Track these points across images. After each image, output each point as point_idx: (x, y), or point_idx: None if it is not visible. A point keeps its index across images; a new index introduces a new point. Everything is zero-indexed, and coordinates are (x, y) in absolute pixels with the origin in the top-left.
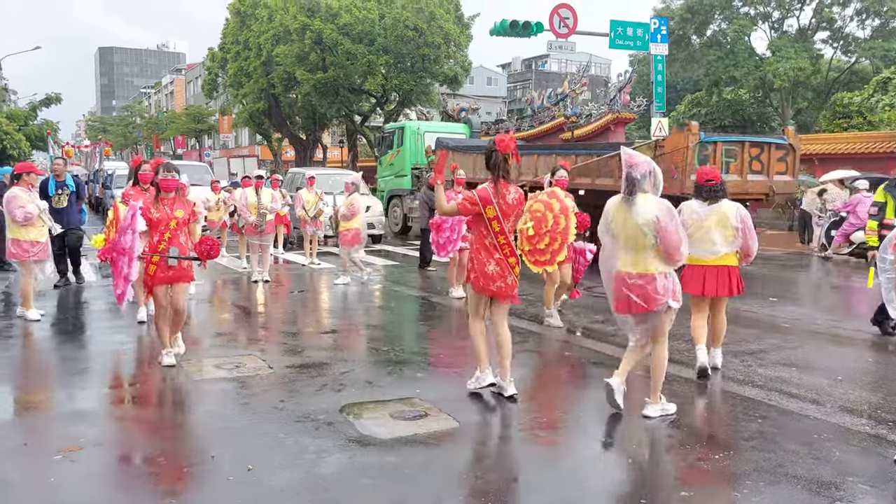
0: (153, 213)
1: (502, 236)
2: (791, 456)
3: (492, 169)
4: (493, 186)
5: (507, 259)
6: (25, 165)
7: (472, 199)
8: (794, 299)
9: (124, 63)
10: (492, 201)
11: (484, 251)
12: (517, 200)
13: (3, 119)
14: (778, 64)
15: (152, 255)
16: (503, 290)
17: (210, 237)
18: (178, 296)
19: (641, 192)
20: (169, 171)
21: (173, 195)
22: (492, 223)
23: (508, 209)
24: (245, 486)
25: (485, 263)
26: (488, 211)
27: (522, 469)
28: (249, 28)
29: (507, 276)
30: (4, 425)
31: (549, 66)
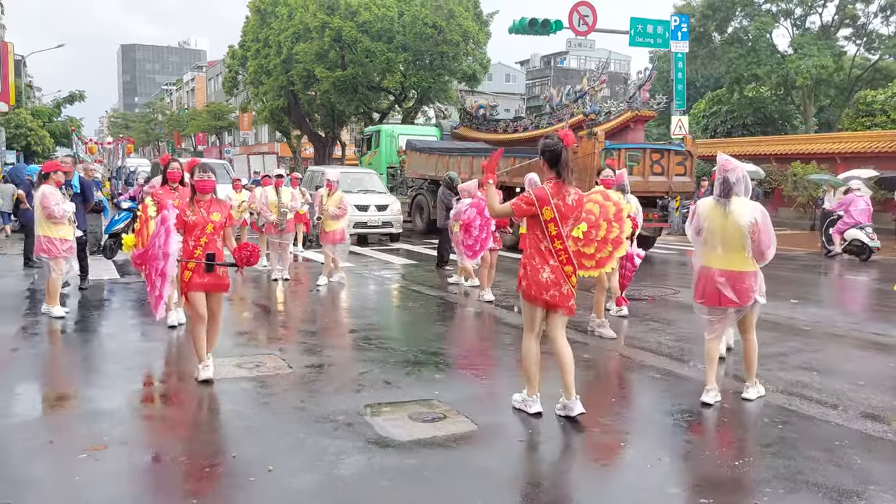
0: (188, 216)
1: (559, 241)
2: (811, 463)
3: (554, 166)
4: (553, 186)
5: (562, 266)
6: (52, 164)
7: (527, 199)
8: (815, 301)
9: (146, 60)
10: (549, 202)
11: (538, 256)
12: (577, 202)
13: (28, 116)
14: (800, 61)
15: (188, 260)
16: (557, 300)
17: (249, 242)
18: (215, 304)
19: (735, 196)
20: (205, 171)
21: (209, 197)
22: (548, 226)
23: (567, 211)
24: (266, 488)
25: (538, 270)
26: (545, 212)
27: (540, 474)
28: (269, 26)
29: (562, 284)
30: (31, 423)
31: (568, 62)
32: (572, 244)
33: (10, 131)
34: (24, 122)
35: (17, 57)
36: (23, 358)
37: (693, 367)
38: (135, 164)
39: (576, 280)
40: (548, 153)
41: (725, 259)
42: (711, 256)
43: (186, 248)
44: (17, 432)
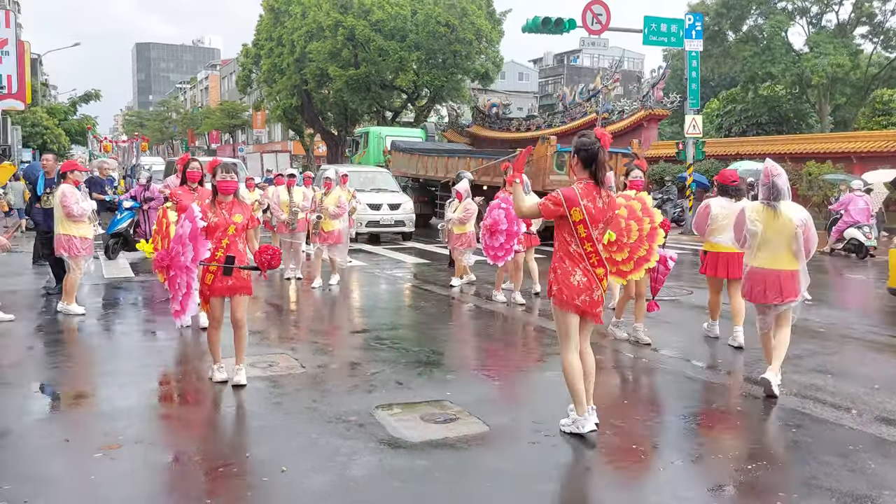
0: (210, 217)
1: (589, 243)
2: (825, 468)
3: (589, 166)
4: (584, 187)
5: (594, 270)
6: (70, 164)
7: (555, 200)
8: (830, 302)
9: (161, 59)
10: (578, 203)
11: (569, 259)
12: (608, 205)
13: (44, 114)
14: (816, 60)
15: (209, 263)
16: (587, 306)
17: (270, 245)
18: (238, 308)
19: (784, 199)
20: (227, 171)
21: (231, 198)
22: (577, 228)
23: (598, 213)
24: (279, 488)
25: (569, 273)
26: (574, 214)
27: (552, 476)
28: (283, 25)
29: (594, 289)
30: (47, 421)
31: (581, 61)
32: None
33: (26, 130)
34: (40, 120)
35: (34, 56)
36: (38, 356)
37: (705, 370)
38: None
39: (606, 285)
40: (583, 152)
41: (779, 259)
42: (763, 257)
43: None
44: (33, 430)
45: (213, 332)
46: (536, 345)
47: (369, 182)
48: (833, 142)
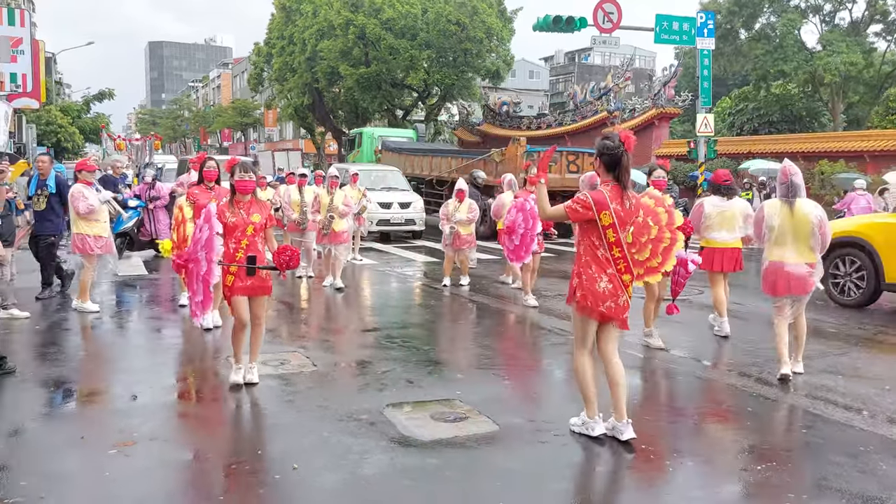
0: (228, 217)
1: (618, 248)
2: (836, 468)
3: (613, 170)
4: (612, 189)
5: (620, 276)
6: (80, 164)
7: (584, 203)
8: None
9: (173, 57)
10: (608, 206)
11: (595, 264)
12: (635, 207)
13: (58, 112)
14: (829, 58)
15: (229, 264)
16: (613, 312)
17: (289, 245)
18: (258, 309)
19: (800, 197)
20: (246, 171)
21: (249, 197)
22: (606, 232)
23: (626, 216)
24: (291, 486)
25: (595, 279)
26: (604, 218)
27: (562, 476)
28: (294, 23)
29: (619, 295)
30: (63, 418)
31: (592, 59)
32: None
33: (40, 128)
34: (55, 119)
35: (48, 55)
36: (54, 354)
37: (716, 370)
38: (162, 161)
39: (632, 290)
40: (606, 156)
41: (796, 252)
42: (783, 252)
43: (227, 250)
44: (49, 427)
45: (238, 332)
46: (546, 344)
47: (380, 181)
48: (846, 140)
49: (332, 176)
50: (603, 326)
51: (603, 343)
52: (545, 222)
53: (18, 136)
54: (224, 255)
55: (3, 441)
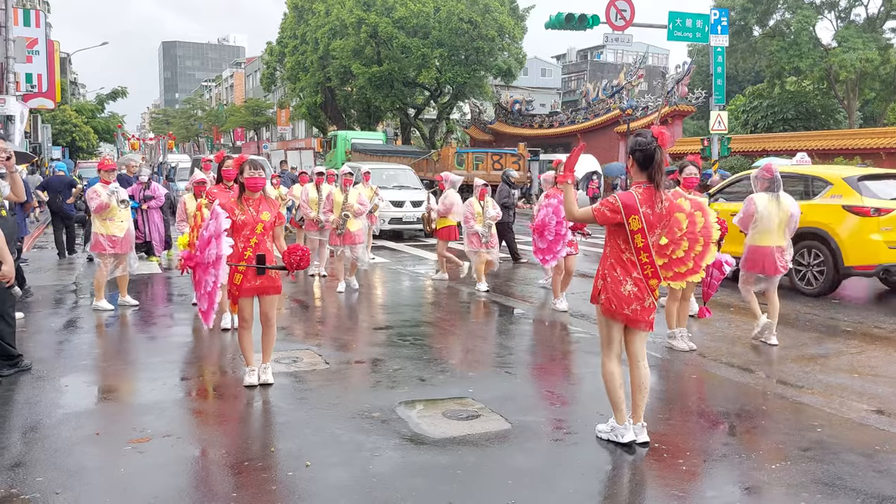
0: (237, 215)
1: (645, 253)
2: (850, 468)
3: (646, 168)
4: (644, 192)
5: (647, 280)
6: (100, 163)
7: (613, 206)
8: (857, 301)
9: (187, 57)
10: (637, 210)
11: (620, 267)
12: (668, 210)
13: (73, 112)
14: (844, 55)
15: (237, 263)
16: (638, 315)
17: (300, 245)
18: (269, 308)
19: (781, 190)
20: (256, 168)
21: (259, 195)
22: (634, 237)
23: (656, 220)
24: (304, 483)
25: (620, 282)
26: (632, 223)
27: (575, 475)
28: (307, 22)
29: (644, 298)
30: (78, 415)
31: (604, 56)
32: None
33: (55, 128)
34: (69, 118)
35: (63, 55)
36: (69, 351)
37: (730, 368)
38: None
39: (658, 294)
40: (639, 153)
41: (778, 237)
42: (768, 237)
43: (236, 249)
44: (64, 424)
45: (244, 332)
46: (560, 343)
47: (392, 179)
48: (862, 138)
49: (346, 174)
50: (629, 329)
51: (630, 345)
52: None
53: (34, 136)
54: (232, 254)
55: (19, 437)
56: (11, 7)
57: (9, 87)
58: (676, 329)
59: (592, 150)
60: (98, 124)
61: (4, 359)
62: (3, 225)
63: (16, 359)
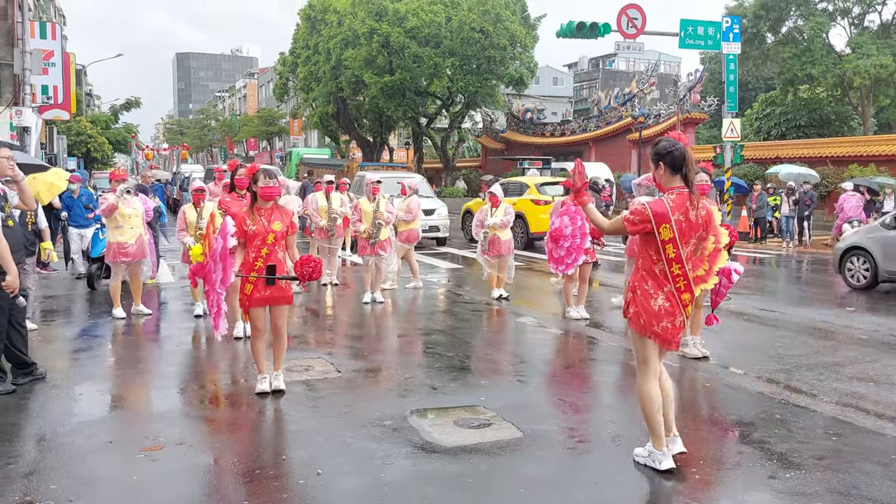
0: (249, 225)
1: (678, 265)
2: (866, 477)
3: (679, 171)
4: (676, 198)
5: (679, 294)
6: (112, 173)
7: (642, 214)
8: (873, 309)
9: (200, 68)
10: (669, 218)
11: (651, 280)
12: (704, 218)
13: (88, 123)
14: (858, 61)
15: (248, 274)
16: (668, 333)
17: (311, 256)
18: (279, 318)
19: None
20: (270, 177)
21: (271, 204)
22: (666, 247)
23: (689, 229)
24: (316, 491)
25: (650, 296)
26: (663, 232)
27: (587, 483)
28: (319, 33)
29: (676, 315)
30: (92, 423)
31: (616, 64)
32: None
33: (71, 138)
34: (85, 129)
35: (78, 67)
36: (83, 360)
37: (744, 376)
38: (189, 170)
39: (691, 310)
40: (668, 157)
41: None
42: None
43: (247, 259)
44: (78, 432)
45: (256, 342)
46: (572, 351)
47: None
48: (876, 144)
49: (375, 182)
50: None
51: None
52: (594, 231)
53: (49, 147)
54: (243, 263)
55: (34, 445)
56: (28, 20)
57: (25, 99)
58: (689, 337)
59: (605, 158)
60: (112, 135)
61: (19, 367)
62: (11, 235)
63: (30, 367)
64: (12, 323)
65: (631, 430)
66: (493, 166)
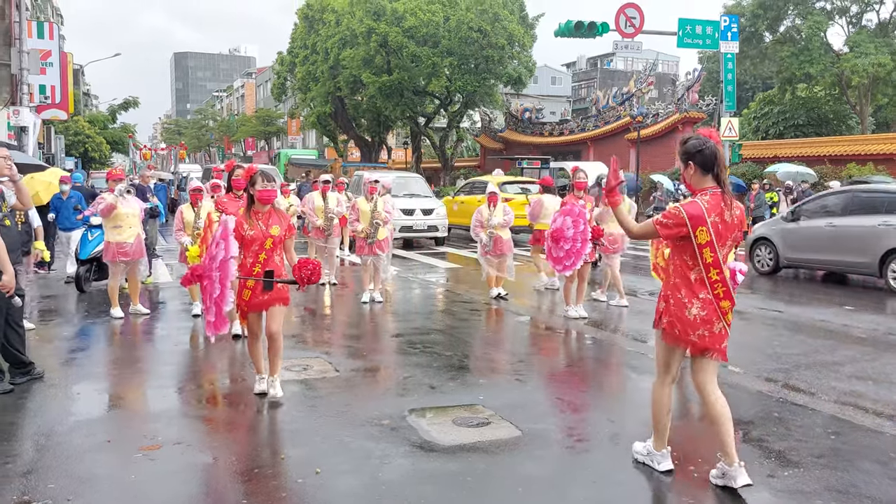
0: (246, 229)
1: (715, 269)
2: (865, 475)
3: (710, 170)
4: (711, 199)
5: (717, 301)
6: (108, 173)
7: (676, 217)
8: (871, 308)
9: (198, 67)
10: (705, 221)
11: (685, 287)
12: (739, 218)
13: (86, 123)
14: (856, 60)
15: (245, 278)
16: (707, 341)
17: (310, 259)
18: (273, 320)
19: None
20: (269, 180)
21: (268, 208)
22: (703, 252)
23: (726, 230)
24: (314, 490)
25: (685, 305)
26: (700, 235)
27: (585, 482)
28: (317, 32)
29: (713, 322)
30: (90, 422)
31: (614, 64)
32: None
33: (68, 138)
34: (82, 129)
35: (76, 66)
36: (80, 359)
37: (743, 375)
38: (187, 170)
39: (731, 317)
40: (699, 155)
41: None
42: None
43: (244, 263)
44: (76, 431)
45: (254, 344)
46: (571, 350)
47: (402, 187)
48: (874, 143)
49: (373, 181)
50: (698, 358)
51: (700, 376)
52: (595, 229)
53: (47, 147)
54: (241, 268)
55: (31, 445)
56: (25, 20)
57: (23, 99)
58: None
59: (603, 157)
60: (110, 135)
61: (16, 367)
62: (7, 234)
63: (28, 366)
64: (9, 322)
65: (629, 429)
66: (491, 166)
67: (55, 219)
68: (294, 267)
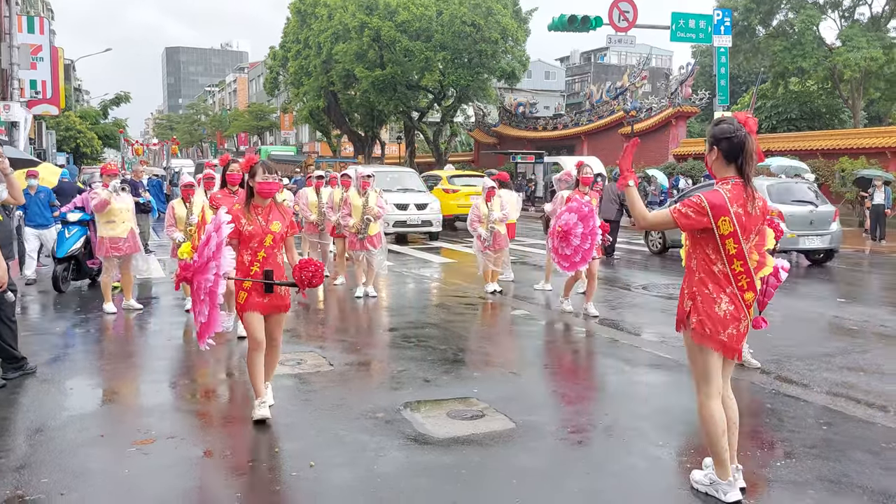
0: (244, 225)
1: (739, 261)
2: (857, 465)
3: (735, 159)
4: (733, 188)
5: (742, 294)
6: (102, 168)
7: (698, 207)
8: (863, 300)
9: (190, 62)
10: (728, 211)
11: (711, 282)
12: (762, 210)
13: (77, 118)
14: (848, 54)
15: (243, 279)
16: (734, 340)
17: (313, 260)
18: (275, 329)
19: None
20: (270, 171)
21: (269, 202)
22: (726, 243)
23: (749, 222)
24: (308, 483)
25: (713, 301)
26: (722, 226)
27: (579, 474)
28: (310, 27)
29: (741, 319)
30: (83, 417)
31: (608, 58)
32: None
33: (60, 134)
34: (74, 124)
35: (67, 61)
36: (73, 354)
37: (737, 367)
38: (179, 165)
39: (753, 312)
40: (725, 142)
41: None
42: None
43: (241, 262)
44: (69, 426)
45: (254, 355)
46: (565, 343)
47: (396, 182)
48: (866, 137)
49: (366, 176)
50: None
51: None
52: (602, 225)
53: (38, 142)
54: (238, 267)
55: (24, 439)
56: (16, 14)
57: (13, 94)
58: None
59: (597, 152)
60: (101, 130)
61: (9, 362)
62: (0, 229)
63: (20, 362)
64: (2, 318)
65: (623, 421)
66: (485, 160)
67: (23, 216)
68: (294, 268)
